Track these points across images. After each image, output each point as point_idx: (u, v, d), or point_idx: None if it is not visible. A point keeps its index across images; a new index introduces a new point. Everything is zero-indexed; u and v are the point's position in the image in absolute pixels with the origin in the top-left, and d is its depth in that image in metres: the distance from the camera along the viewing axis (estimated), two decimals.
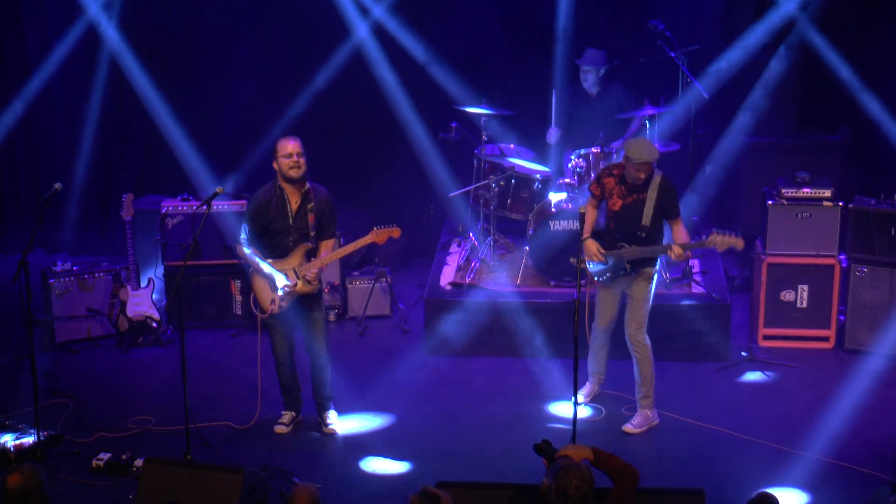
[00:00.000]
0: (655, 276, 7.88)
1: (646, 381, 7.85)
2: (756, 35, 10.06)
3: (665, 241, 7.77)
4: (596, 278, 7.88)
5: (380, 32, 10.48)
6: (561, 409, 8.14)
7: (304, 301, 7.73)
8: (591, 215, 7.92)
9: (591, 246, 7.80)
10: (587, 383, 8.25)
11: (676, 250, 7.57)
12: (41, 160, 11.12)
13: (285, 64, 10.86)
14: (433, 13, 10.50)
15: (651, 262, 7.81)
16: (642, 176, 7.62)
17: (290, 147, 7.55)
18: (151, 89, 10.62)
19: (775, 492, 5.44)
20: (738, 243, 7.48)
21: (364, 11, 10.45)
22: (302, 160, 7.54)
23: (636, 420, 7.90)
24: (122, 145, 11.01)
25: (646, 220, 7.67)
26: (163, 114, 10.64)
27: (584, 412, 8.01)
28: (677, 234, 7.75)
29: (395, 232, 7.73)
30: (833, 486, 7.15)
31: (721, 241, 7.49)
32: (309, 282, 7.63)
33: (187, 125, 10.74)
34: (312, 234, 7.64)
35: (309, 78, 10.63)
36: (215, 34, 10.84)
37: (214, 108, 11.01)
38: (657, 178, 7.70)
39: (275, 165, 7.60)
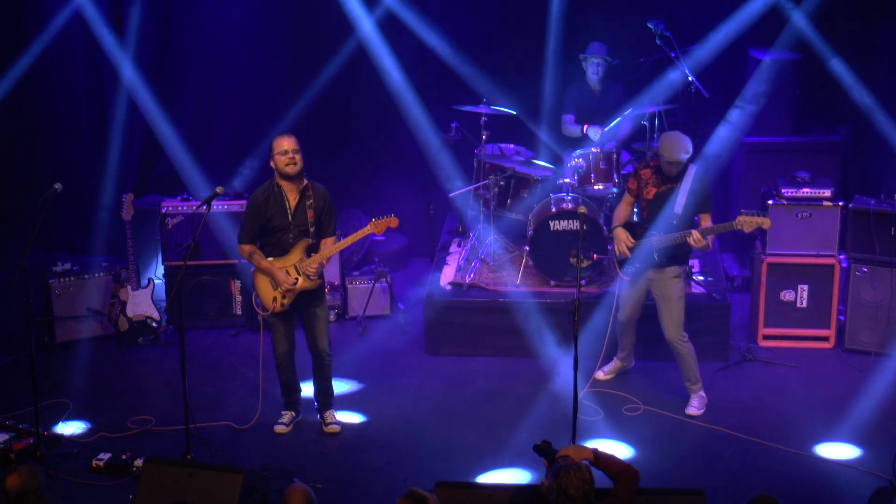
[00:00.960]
0: (682, 275, 7.97)
1: (693, 372, 8.06)
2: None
3: None
4: (623, 274, 7.98)
5: (379, 32, 10.46)
6: (560, 409, 8.13)
7: (306, 298, 7.72)
8: (625, 212, 8.06)
9: (621, 233, 7.93)
10: (614, 359, 8.49)
11: (695, 235, 7.62)
12: (41, 160, 11.09)
13: (285, 63, 10.85)
14: (434, 13, 10.47)
15: (679, 259, 7.91)
16: (674, 171, 7.79)
17: (285, 144, 7.55)
18: (151, 89, 10.60)
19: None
20: (766, 222, 7.56)
21: (364, 10, 10.41)
22: (298, 157, 7.54)
23: (695, 402, 8.10)
24: (122, 145, 10.98)
25: (678, 208, 7.75)
26: (162, 114, 10.63)
27: (584, 412, 8.01)
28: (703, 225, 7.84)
29: (393, 221, 7.73)
30: (833, 486, 7.15)
31: (748, 220, 7.57)
32: (310, 277, 7.63)
33: (186, 125, 10.73)
34: (312, 230, 7.64)
35: (309, 78, 10.61)
36: (214, 34, 10.82)
37: (213, 109, 11.00)
38: (692, 170, 7.84)
39: (272, 163, 7.60)
